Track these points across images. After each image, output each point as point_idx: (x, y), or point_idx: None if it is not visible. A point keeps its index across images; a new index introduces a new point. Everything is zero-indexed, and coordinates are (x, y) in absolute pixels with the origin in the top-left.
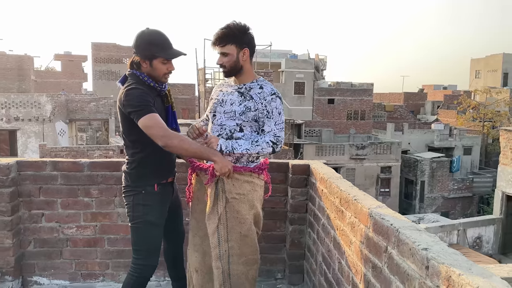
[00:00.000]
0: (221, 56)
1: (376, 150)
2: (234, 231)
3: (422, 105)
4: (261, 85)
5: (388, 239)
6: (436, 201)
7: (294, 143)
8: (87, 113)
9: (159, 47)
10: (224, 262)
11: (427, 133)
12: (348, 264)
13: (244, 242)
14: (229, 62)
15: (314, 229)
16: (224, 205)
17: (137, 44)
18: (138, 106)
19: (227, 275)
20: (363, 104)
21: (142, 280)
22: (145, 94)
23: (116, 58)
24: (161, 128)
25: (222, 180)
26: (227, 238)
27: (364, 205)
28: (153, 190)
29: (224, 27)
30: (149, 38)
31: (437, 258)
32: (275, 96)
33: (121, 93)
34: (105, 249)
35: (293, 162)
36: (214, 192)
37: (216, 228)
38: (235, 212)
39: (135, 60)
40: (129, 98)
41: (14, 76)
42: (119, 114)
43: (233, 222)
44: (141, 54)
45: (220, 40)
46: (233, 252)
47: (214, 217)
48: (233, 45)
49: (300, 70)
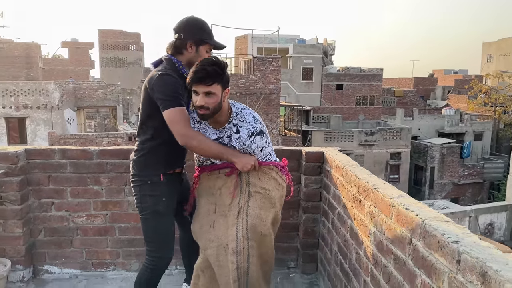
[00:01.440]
0: (203, 96)
1: (386, 136)
2: (255, 230)
3: (433, 90)
4: (237, 127)
5: (413, 230)
6: (446, 187)
7: (302, 130)
8: (95, 101)
9: (208, 34)
10: (243, 259)
11: (438, 119)
12: (366, 255)
13: (264, 243)
14: (214, 103)
15: (328, 218)
16: (247, 199)
17: (187, 27)
18: (169, 96)
19: (244, 272)
20: (372, 90)
21: (156, 272)
22: (178, 85)
23: (122, 45)
24: (184, 126)
25: (247, 173)
26: (248, 236)
27: (385, 194)
28: (159, 180)
29: (211, 63)
30: (199, 24)
31: (470, 252)
32: (253, 137)
33: (153, 74)
34: (115, 238)
35: (307, 149)
36: (236, 183)
37: (236, 221)
38: (257, 208)
39: (179, 43)
40: (161, 84)
41: (22, 64)
42: (143, 96)
43: (254, 220)
44: (191, 37)
45: (208, 78)
46: (253, 252)
47: (235, 210)
48: (219, 84)
49: (308, 55)
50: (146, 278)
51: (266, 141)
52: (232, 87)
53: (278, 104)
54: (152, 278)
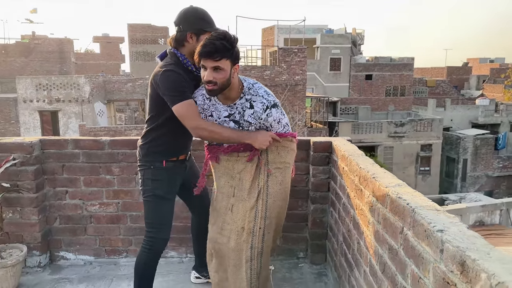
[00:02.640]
0: (211, 71)
1: (416, 127)
2: (275, 206)
3: (467, 79)
4: (250, 102)
5: (404, 219)
6: (479, 180)
7: (328, 122)
8: (124, 94)
9: (208, 23)
10: (258, 240)
11: (471, 109)
12: (366, 245)
13: (280, 215)
14: (223, 79)
15: (335, 208)
16: (266, 179)
17: (185, 18)
18: (174, 91)
19: (258, 252)
20: (403, 80)
21: (154, 253)
22: (182, 79)
23: (151, 39)
24: (194, 119)
25: (266, 151)
26: (265, 215)
27: (382, 183)
28: (162, 166)
29: (220, 37)
30: (198, 13)
31: (452, 241)
32: (269, 110)
33: (157, 70)
34: (127, 225)
35: (315, 139)
36: (255, 166)
37: (255, 203)
38: (278, 184)
39: (179, 36)
40: (165, 80)
41: (56, 59)
42: (149, 89)
43: (275, 197)
44: (190, 27)
45: (217, 53)
46: (269, 229)
47: (254, 192)
48: (228, 60)
49: (336, 45)
50: (144, 259)
51: (281, 112)
52: (258, 78)
53: (304, 95)
54: (150, 259)
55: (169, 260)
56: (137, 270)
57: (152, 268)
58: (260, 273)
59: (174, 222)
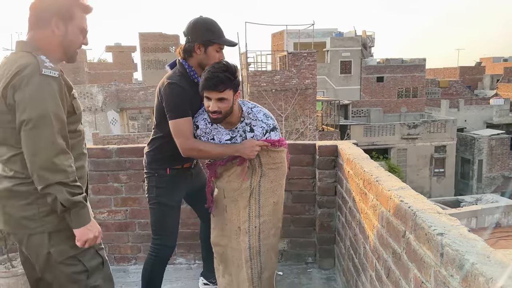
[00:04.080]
0: (216, 101)
1: (430, 128)
2: (267, 204)
3: (480, 79)
4: (250, 126)
5: (406, 223)
6: (496, 180)
7: (340, 125)
8: (136, 102)
9: (216, 34)
10: (254, 239)
11: (485, 109)
12: (371, 249)
13: (275, 211)
14: (226, 107)
15: (342, 212)
16: (259, 179)
17: (194, 29)
18: (174, 107)
19: (256, 252)
20: (415, 81)
21: (160, 260)
22: (184, 95)
23: (162, 47)
24: (185, 139)
25: (258, 155)
26: (259, 213)
27: (384, 186)
28: (165, 173)
29: (223, 69)
30: (206, 24)
31: (451, 245)
32: (268, 134)
33: (164, 81)
34: (136, 233)
35: (320, 143)
36: (244, 167)
37: (248, 203)
38: (269, 182)
39: (187, 47)
40: (168, 93)
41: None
42: (156, 100)
43: (266, 195)
44: (198, 39)
45: (221, 85)
46: (264, 227)
47: (246, 192)
48: (231, 90)
49: (346, 48)
50: (150, 266)
51: (278, 135)
52: (268, 83)
53: (314, 99)
54: (156, 266)
55: (178, 266)
56: (144, 277)
57: (159, 274)
58: (261, 272)
59: (182, 229)
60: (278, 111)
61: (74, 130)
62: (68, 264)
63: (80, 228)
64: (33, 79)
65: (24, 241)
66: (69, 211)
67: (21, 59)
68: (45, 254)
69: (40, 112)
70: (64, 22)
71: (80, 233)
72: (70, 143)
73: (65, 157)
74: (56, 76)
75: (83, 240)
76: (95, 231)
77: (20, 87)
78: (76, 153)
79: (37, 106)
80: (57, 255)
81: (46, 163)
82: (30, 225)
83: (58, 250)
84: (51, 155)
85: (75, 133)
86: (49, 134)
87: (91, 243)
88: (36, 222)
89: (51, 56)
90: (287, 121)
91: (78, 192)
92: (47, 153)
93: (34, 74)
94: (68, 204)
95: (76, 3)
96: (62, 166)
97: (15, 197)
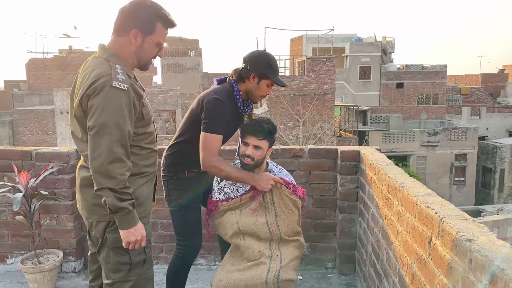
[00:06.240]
0: (252, 148)
1: (450, 136)
2: (287, 250)
3: (503, 87)
4: None
5: (432, 229)
6: None
7: (358, 131)
8: (156, 105)
9: (273, 71)
10: (275, 263)
11: (508, 117)
12: (395, 255)
13: (295, 254)
14: (260, 156)
15: (364, 218)
16: (275, 217)
17: (256, 60)
18: (213, 121)
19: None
20: (435, 88)
21: (185, 261)
22: (225, 113)
23: (182, 51)
24: (209, 155)
25: (270, 191)
26: (281, 259)
27: (410, 192)
28: (184, 176)
29: (266, 122)
30: (268, 59)
31: (480, 251)
32: None
33: (210, 93)
34: (158, 233)
35: (342, 148)
36: (259, 203)
37: (270, 236)
38: (285, 226)
39: (243, 72)
40: (211, 107)
41: None
42: (193, 106)
43: (286, 241)
44: (256, 70)
45: (262, 133)
46: (283, 272)
47: (264, 227)
48: (267, 142)
49: (366, 54)
50: (176, 267)
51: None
52: (286, 88)
53: (332, 104)
54: (182, 267)
55: (198, 267)
56: (169, 277)
57: (184, 275)
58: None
59: (202, 230)
60: (295, 116)
61: (144, 133)
62: (117, 252)
63: (124, 230)
64: (103, 90)
65: (93, 225)
66: (116, 214)
67: (98, 67)
68: (103, 237)
69: (103, 121)
70: (143, 35)
71: (124, 234)
72: (140, 144)
73: (119, 165)
74: (125, 89)
75: (126, 241)
76: (137, 235)
77: (92, 96)
78: (146, 152)
79: (101, 114)
80: (111, 241)
81: (101, 168)
82: (100, 212)
83: (113, 237)
84: (106, 161)
85: (145, 134)
86: (108, 142)
87: (133, 245)
88: (104, 210)
89: (126, 63)
90: (304, 126)
91: (126, 198)
92: (103, 159)
93: (105, 85)
94: (113, 208)
95: (161, 19)
96: (114, 174)
97: (91, 186)
